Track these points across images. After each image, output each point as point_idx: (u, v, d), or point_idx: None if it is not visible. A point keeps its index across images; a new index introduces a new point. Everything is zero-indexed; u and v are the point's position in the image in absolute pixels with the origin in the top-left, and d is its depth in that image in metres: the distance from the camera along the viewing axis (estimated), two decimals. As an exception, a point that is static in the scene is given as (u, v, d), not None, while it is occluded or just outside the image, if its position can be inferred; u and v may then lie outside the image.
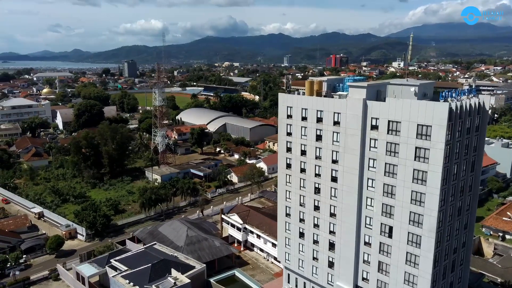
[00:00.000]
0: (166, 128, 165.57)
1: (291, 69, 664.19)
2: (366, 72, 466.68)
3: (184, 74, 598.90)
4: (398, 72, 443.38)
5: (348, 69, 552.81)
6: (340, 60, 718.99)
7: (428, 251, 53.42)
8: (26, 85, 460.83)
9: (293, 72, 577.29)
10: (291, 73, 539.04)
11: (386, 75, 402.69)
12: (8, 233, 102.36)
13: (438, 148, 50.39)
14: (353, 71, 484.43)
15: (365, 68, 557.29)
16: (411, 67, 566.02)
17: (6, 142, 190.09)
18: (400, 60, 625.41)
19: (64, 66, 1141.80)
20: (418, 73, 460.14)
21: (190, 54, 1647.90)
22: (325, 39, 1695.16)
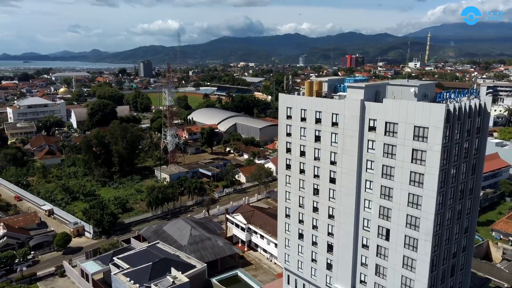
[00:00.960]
0: (176, 128, 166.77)
1: (306, 69, 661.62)
2: (381, 73, 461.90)
3: (199, 74, 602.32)
4: (413, 72, 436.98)
5: (363, 69, 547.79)
6: (356, 60, 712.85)
7: (425, 254, 52.52)
8: (45, 85, 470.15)
9: (308, 72, 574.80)
10: (306, 73, 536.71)
11: (401, 75, 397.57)
12: (17, 229, 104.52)
13: (435, 150, 49.49)
14: (368, 72, 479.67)
15: (380, 68, 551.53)
16: (427, 67, 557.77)
17: (21, 140, 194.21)
18: (416, 60, 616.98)
19: (82, 66, 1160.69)
20: (434, 73, 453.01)
21: (206, 54, 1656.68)
22: (341, 39, 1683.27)
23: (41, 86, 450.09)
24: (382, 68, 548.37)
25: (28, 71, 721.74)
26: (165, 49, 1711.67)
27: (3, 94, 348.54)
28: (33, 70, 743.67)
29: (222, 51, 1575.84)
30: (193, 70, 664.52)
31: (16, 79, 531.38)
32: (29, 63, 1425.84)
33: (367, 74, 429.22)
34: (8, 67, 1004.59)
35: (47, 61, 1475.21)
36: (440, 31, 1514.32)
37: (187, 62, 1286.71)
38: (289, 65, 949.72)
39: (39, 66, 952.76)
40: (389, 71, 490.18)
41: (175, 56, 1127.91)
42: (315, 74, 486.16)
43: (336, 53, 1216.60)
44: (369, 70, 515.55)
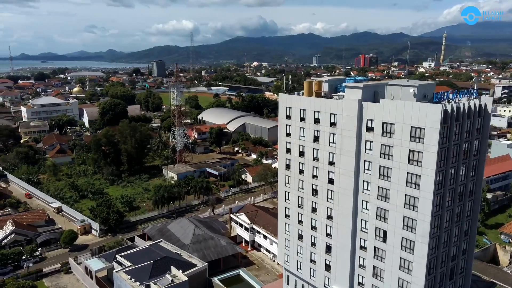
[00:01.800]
0: (185, 127, 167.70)
1: (318, 69, 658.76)
2: (395, 73, 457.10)
3: (212, 74, 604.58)
4: (427, 72, 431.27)
5: (376, 69, 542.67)
6: (370, 60, 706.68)
7: (422, 257, 51.82)
8: (60, 84, 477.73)
9: (321, 72, 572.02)
10: (318, 73, 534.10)
11: (414, 75, 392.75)
12: (26, 226, 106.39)
13: (431, 151, 48.79)
14: (381, 71, 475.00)
15: (394, 68, 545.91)
16: (442, 67, 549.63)
17: (34, 138, 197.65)
18: (431, 60, 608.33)
19: (98, 66, 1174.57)
20: (448, 73, 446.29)
21: (220, 54, 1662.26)
22: (356, 39, 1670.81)
23: (57, 86, 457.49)
24: (396, 68, 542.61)
25: (45, 70, 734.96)
26: (179, 49, 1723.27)
27: (19, 94, 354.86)
28: (50, 70, 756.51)
29: (236, 51, 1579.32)
30: (206, 70, 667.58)
31: (33, 78, 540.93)
32: (47, 63, 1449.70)
33: (380, 74, 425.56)
34: (26, 67, 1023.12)
35: (64, 61, 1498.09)
36: (457, 31, 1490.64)
37: (201, 62, 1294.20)
38: (302, 65, 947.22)
39: (56, 66, 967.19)
40: (403, 71, 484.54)
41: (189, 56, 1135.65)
42: (327, 74, 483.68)
43: (350, 53, 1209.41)
44: (382, 70, 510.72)
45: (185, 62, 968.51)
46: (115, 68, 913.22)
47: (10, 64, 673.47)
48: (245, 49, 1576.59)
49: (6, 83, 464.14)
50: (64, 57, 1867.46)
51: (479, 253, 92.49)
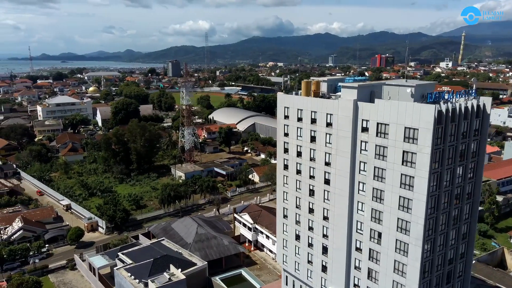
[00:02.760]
0: (194, 127, 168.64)
1: (334, 69, 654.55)
2: (410, 73, 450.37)
3: (226, 74, 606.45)
4: (444, 72, 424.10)
5: (392, 69, 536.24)
6: (386, 60, 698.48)
7: (416, 260, 50.98)
8: (77, 84, 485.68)
9: (336, 72, 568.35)
10: (333, 73, 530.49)
11: (429, 75, 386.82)
12: (34, 223, 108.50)
13: (425, 152, 47.97)
14: (397, 72, 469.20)
15: (409, 68, 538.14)
16: (459, 67, 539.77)
17: (48, 137, 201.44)
18: (448, 60, 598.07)
19: (116, 66, 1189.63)
20: (466, 73, 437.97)
21: (236, 54, 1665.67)
22: (373, 39, 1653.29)
23: (74, 85, 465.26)
24: (411, 68, 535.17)
25: (64, 70, 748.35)
26: (196, 49, 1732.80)
27: (37, 93, 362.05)
28: (68, 70, 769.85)
29: (252, 51, 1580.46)
30: (220, 70, 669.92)
31: (51, 78, 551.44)
32: (66, 63, 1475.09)
33: (395, 74, 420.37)
34: (47, 67, 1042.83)
35: (83, 61, 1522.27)
36: (477, 30, 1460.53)
37: (217, 62, 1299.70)
38: (318, 65, 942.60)
39: (75, 66, 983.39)
40: (418, 71, 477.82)
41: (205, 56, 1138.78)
42: (341, 74, 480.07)
43: (367, 53, 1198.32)
44: (398, 70, 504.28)
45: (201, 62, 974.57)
46: (132, 68, 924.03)
47: (30, 64, 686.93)
48: (261, 49, 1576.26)
49: (25, 83, 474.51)
50: (83, 57, 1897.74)
51: (485, 256, 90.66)
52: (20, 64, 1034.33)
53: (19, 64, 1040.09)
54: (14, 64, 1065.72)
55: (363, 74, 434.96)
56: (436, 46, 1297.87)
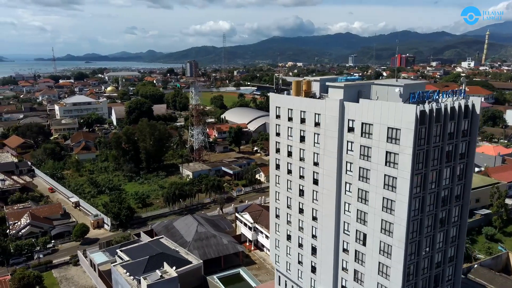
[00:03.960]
0: (203, 126, 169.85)
1: (352, 69, 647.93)
2: (430, 72, 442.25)
3: (244, 74, 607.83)
4: (464, 72, 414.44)
5: (412, 69, 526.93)
6: (406, 60, 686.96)
7: (398, 262, 50.20)
8: (97, 84, 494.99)
9: (354, 72, 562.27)
10: (351, 73, 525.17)
11: (449, 75, 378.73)
12: (42, 219, 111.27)
13: (406, 153, 47.20)
14: (416, 72, 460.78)
15: (429, 68, 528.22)
16: (482, 67, 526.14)
17: (63, 135, 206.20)
18: (470, 59, 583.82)
19: (138, 66, 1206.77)
20: (488, 73, 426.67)
21: (256, 54, 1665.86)
22: (394, 38, 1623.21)
23: (94, 85, 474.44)
24: (431, 68, 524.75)
25: (87, 71, 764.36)
26: (216, 50, 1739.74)
27: (57, 93, 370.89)
28: (90, 70, 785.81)
29: (272, 51, 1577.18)
30: (238, 70, 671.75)
31: (72, 78, 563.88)
32: (90, 63, 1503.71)
33: (414, 74, 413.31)
34: (71, 67, 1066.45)
35: (106, 62, 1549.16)
36: (503, 29, 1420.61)
37: (237, 62, 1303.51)
38: (337, 65, 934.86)
39: (99, 66, 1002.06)
40: (438, 71, 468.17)
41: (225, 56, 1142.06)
42: (359, 74, 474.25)
43: (388, 52, 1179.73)
44: (417, 70, 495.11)
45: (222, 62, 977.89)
46: (153, 68, 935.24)
47: (54, 64, 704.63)
48: (281, 49, 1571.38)
49: (48, 83, 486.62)
50: (106, 58, 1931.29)
51: (489, 261, 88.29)
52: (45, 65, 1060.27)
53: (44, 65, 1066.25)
54: (40, 65, 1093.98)
55: (381, 74, 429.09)
56: (460, 45, 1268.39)
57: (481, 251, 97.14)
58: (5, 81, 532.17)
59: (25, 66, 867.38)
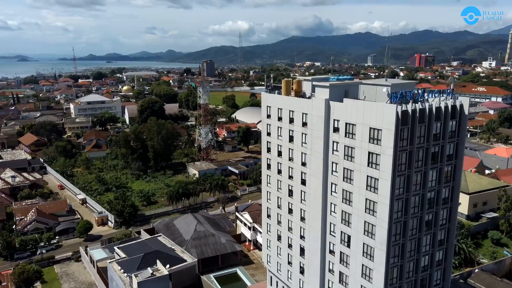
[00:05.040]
0: (210, 126, 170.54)
1: (370, 68, 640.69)
2: (448, 73, 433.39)
3: (260, 73, 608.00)
4: (484, 72, 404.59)
5: (430, 69, 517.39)
6: (425, 60, 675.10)
7: (380, 265, 49.31)
8: (114, 83, 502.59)
9: (371, 72, 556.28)
10: (368, 73, 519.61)
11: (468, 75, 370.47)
12: (48, 215, 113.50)
13: (387, 154, 46.32)
14: (434, 72, 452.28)
15: (448, 68, 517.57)
16: (503, 67, 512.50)
17: (76, 134, 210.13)
18: (492, 59, 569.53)
19: (157, 66, 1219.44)
20: (509, 73, 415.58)
21: (274, 54, 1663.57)
22: (415, 38, 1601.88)
23: (111, 84, 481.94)
24: (450, 68, 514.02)
25: (107, 70, 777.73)
26: (234, 50, 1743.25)
27: (75, 92, 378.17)
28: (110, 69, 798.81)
29: (290, 51, 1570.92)
30: (254, 70, 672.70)
31: (91, 77, 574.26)
32: (111, 63, 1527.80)
33: (432, 74, 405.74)
34: (92, 67, 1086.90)
35: (127, 61, 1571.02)
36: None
37: (255, 62, 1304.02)
38: (356, 64, 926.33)
39: (119, 66, 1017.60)
40: (457, 71, 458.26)
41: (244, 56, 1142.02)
42: (375, 74, 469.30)
43: (408, 52, 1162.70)
44: (435, 70, 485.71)
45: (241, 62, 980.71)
46: (172, 68, 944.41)
47: (74, 64, 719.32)
48: (299, 49, 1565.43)
49: (67, 82, 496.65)
50: (127, 58, 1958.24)
51: (491, 265, 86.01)
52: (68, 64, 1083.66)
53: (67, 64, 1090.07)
54: (63, 64, 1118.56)
55: (397, 74, 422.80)
56: (483, 45, 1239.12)
57: (485, 256, 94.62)
58: (26, 80, 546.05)
59: (49, 66, 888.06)
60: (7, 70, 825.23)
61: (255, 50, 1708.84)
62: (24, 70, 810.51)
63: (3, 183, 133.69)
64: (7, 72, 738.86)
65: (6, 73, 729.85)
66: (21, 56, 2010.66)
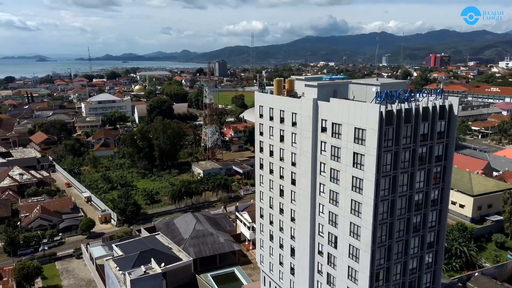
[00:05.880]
0: (216, 125, 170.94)
1: (384, 68, 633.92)
2: (463, 73, 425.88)
3: (272, 73, 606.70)
4: (500, 72, 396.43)
5: (445, 69, 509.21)
6: (441, 60, 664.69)
7: (365, 266, 48.70)
8: (128, 83, 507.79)
9: (385, 72, 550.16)
10: (382, 73, 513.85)
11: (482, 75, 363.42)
12: (52, 212, 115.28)
13: (371, 154, 45.72)
14: (448, 72, 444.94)
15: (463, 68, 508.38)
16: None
17: (85, 133, 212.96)
18: (508, 59, 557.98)
19: (172, 66, 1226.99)
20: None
21: (288, 54, 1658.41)
22: (432, 38, 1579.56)
23: (125, 84, 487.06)
24: (465, 68, 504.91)
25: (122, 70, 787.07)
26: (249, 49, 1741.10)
27: (88, 91, 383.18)
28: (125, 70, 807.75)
29: (305, 51, 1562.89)
30: (266, 69, 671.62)
31: (105, 77, 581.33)
32: (127, 63, 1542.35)
33: (445, 74, 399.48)
34: (108, 67, 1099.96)
35: (142, 61, 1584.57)
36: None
37: (269, 62, 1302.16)
38: (370, 64, 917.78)
39: (135, 66, 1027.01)
40: (472, 71, 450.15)
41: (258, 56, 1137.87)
42: (388, 74, 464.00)
43: (424, 52, 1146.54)
44: (450, 70, 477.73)
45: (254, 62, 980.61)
46: (186, 68, 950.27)
47: (89, 64, 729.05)
48: (314, 49, 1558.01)
49: (81, 82, 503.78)
50: (142, 58, 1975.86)
51: (492, 269, 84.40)
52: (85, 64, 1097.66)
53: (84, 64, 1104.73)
54: (80, 64, 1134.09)
55: (410, 74, 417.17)
56: (502, 44, 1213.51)
57: (488, 259, 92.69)
58: (42, 80, 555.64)
59: (66, 66, 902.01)
60: (26, 70, 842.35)
61: (269, 50, 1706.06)
62: (42, 70, 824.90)
63: (11, 180, 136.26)
64: (26, 72, 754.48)
65: (25, 72, 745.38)
66: (39, 56, 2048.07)
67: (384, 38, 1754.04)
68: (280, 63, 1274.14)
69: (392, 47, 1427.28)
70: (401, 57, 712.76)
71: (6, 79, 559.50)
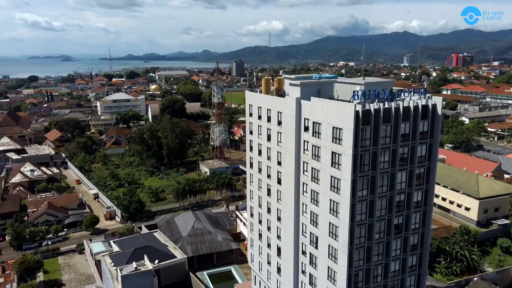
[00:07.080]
0: (224, 124, 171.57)
1: (403, 68, 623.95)
2: (484, 73, 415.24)
3: (289, 73, 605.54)
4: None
5: (467, 69, 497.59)
6: (463, 60, 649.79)
7: (342, 267, 48.11)
8: (146, 82, 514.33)
9: (404, 72, 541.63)
10: (401, 73, 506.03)
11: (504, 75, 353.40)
12: (58, 208, 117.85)
13: (347, 154, 45.14)
14: (469, 72, 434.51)
15: (485, 68, 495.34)
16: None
17: (98, 131, 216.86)
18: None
19: (192, 65, 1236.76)
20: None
21: (308, 54, 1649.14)
22: (455, 37, 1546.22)
23: (143, 84, 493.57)
24: (487, 68, 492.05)
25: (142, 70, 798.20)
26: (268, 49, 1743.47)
27: (106, 90, 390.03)
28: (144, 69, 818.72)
29: (325, 51, 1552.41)
30: (284, 69, 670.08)
31: (125, 77, 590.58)
32: (148, 63, 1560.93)
33: (466, 75, 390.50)
34: (130, 66, 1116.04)
35: (164, 61, 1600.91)
36: None
37: (289, 62, 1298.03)
38: (391, 64, 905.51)
39: (156, 65, 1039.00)
40: (494, 71, 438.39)
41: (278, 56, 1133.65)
42: (406, 74, 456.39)
43: (447, 52, 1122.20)
44: (471, 70, 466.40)
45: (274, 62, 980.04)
46: (206, 68, 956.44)
47: (109, 63, 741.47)
48: (334, 49, 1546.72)
49: (101, 81, 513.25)
50: (164, 58, 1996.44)
51: (493, 274, 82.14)
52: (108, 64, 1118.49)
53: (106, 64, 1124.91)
54: (103, 64, 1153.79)
55: (429, 74, 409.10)
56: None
57: (491, 264, 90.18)
58: (64, 79, 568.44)
59: (89, 65, 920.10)
60: (51, 70, 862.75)
61: (289, 50, 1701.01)
62: (66, 69, 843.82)
63: (22, 176, 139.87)
64: (51, 71, 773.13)
65: (50, 72, 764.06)
66: (64, 56, 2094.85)
67: (407, 38, 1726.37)
68: (300, 63, 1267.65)
69: (414, 47, 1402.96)
70: (421, 57, 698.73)
71: (30, 78, 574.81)
